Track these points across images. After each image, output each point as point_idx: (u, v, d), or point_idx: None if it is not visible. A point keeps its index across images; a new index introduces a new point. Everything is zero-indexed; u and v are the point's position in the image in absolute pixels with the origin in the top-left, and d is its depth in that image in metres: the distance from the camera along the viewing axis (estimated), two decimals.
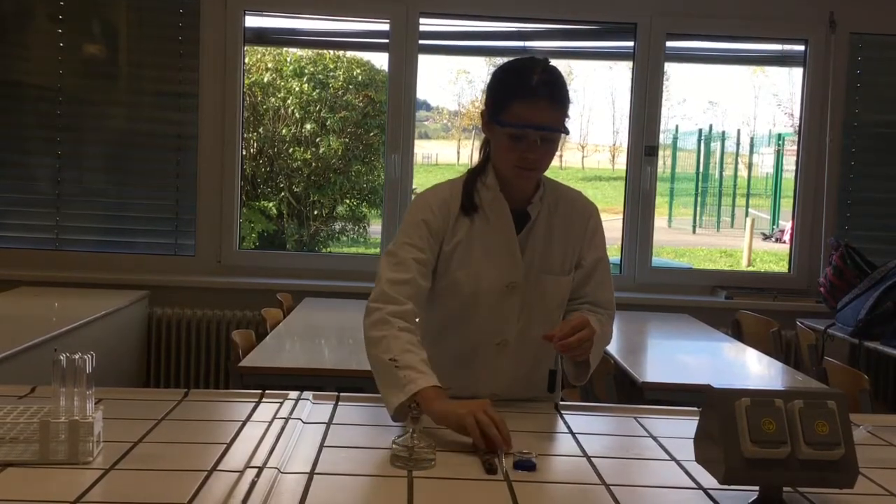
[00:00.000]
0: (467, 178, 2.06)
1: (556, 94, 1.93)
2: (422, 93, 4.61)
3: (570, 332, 1.85)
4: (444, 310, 2.06)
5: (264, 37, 5.40)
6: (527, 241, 2.03)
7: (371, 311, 1.93)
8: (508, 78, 1.98)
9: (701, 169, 14.17)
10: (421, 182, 5.45)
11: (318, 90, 8.04)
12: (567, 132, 1.99)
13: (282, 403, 1.90)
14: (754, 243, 11.96)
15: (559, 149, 2.09)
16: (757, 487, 1.41)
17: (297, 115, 7.95)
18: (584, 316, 1.93)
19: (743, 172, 14.48)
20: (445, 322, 2.07)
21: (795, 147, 5.27)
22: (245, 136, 5.42)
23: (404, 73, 4.88)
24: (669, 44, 4.98)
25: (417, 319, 1.96)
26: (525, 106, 1.91)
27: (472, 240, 2.02)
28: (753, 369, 3.64)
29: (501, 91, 1.97)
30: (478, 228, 2.02)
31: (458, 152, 16.51)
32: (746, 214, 13.38)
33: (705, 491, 1.49)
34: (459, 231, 2.02)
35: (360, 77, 8.08)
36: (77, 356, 1.50)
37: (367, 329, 1.92)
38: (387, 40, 4.91)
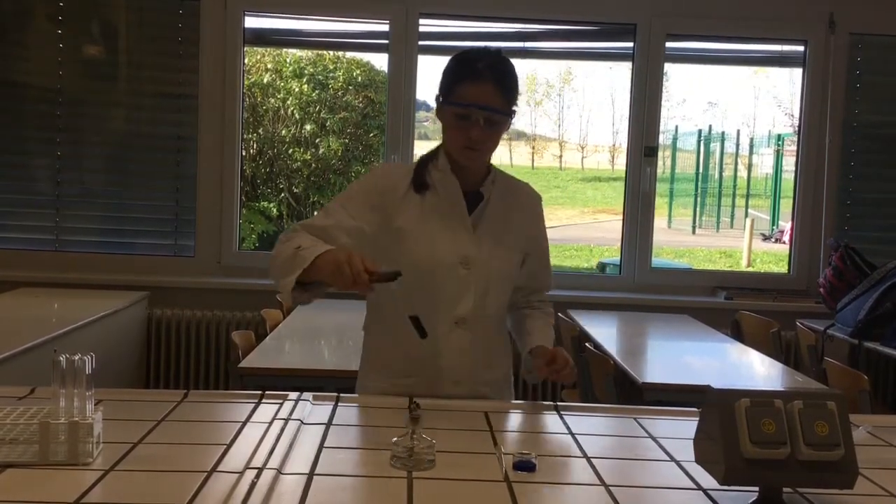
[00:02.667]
0: (419, 161, 2.17)
1: (501, 80, 2.03)
2: (421, 93, 4.63)
3: (552, 361, 2.02)
4: (402, 291, 2.07)
5: (264, 37, 5.41)
6: (480, 219, 2.12)
7: (279, 241, 2.02)
8: (458, 63, 2.08)
9: (700, 169, 14.18)
10: None
11: (317, 91, 8.05)
12: (511, 115, 2.08)
13: (281, 404, 1.90)
14: (754, 244, 11.96)
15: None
16: (757, 488, 1.41)
17: (296, 115, 7.96)
18: (547, 348, 2.10)
19: (742, 173, 14.48)
20: (403, 304, 2.07)
21: (795, 147, 5.27)
22: (245, 136, 5.42)
23: (404, 73, 4.88)
24: (669, 44, 4.98)
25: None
26: (470, 87, 2.01)
27: (424, 218, 2.09)
28: (753, 370, 3.64)
29: (451, 75, 2.07)
30: (429, 207, 2.10)
31: None
32: (746, 215, 13.39)
33: (705, 491, 1.49)
34: (409, 209, 2.09)
35: (359, 78, 8.08)
36: (77, 357, 1.50)
37: (273, 253, 2.00)
38: (386, 41, 4.91)
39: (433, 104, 2.16)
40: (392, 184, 2.10)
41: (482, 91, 2.00)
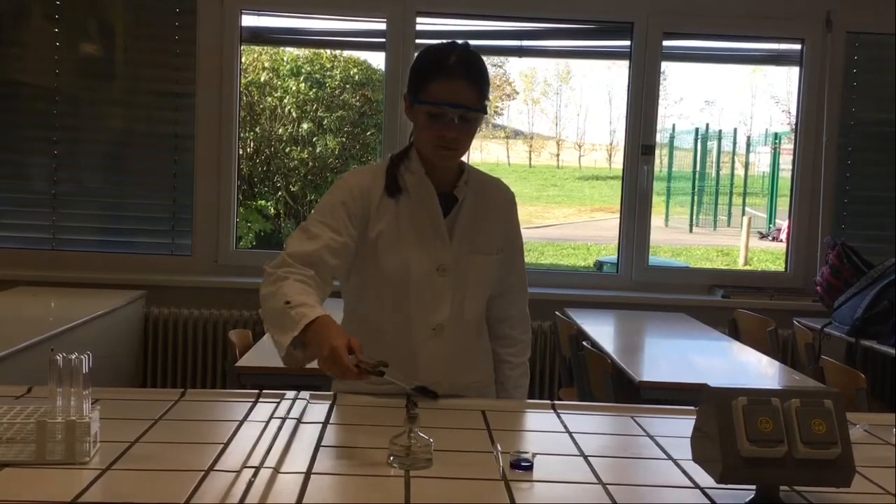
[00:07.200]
0: (390, 163, 2.11)
1: (472, 75, 1.99)
2: None
3: None
4: (377, 299, 2.09)
5: (261, 36, 5.40)
6: (455, 223, 2.08)
7: (267, 275, 1.96)
8: (428, 59, 2.04)
9: (698, 168, 14.20)
10: None
11: (314, 89, 8.04)
12: (485, 112, 2.04)
13: (279, 403, 1.90)
14: (751, 242, 11.97)
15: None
16: (754, 486, 1.41)
17: (293, 114, 7.96)
18: None
19: (740, 171, 14.51)
20: (380, 312, 2.09)
21: (792, 146, 5.27)
22: (242, 135, 5.42)
23: (401, 72, 4.87)
24: (666, 43, 4.98)
25: (318, 285, 1.96)
26: (442, 84, 1.97)
27: (399, 224, 2.05)
28: (750, 368, 3.64)
29: (421, 72, 2.03)
30: (404, 212, 2.06)
31: None
32: (743, 213, 13.42)
33: (702, 490, 1.49)
34: (384, 216, 2.05)
35: (356, 76, 8.08)
36: (74, 356, 1.50)
37: (262, 290, 1.95)
38: (384, 39, 4.91)
39: None
40: (367, 189, 2.05)
41: (454, 88, 1.96)
